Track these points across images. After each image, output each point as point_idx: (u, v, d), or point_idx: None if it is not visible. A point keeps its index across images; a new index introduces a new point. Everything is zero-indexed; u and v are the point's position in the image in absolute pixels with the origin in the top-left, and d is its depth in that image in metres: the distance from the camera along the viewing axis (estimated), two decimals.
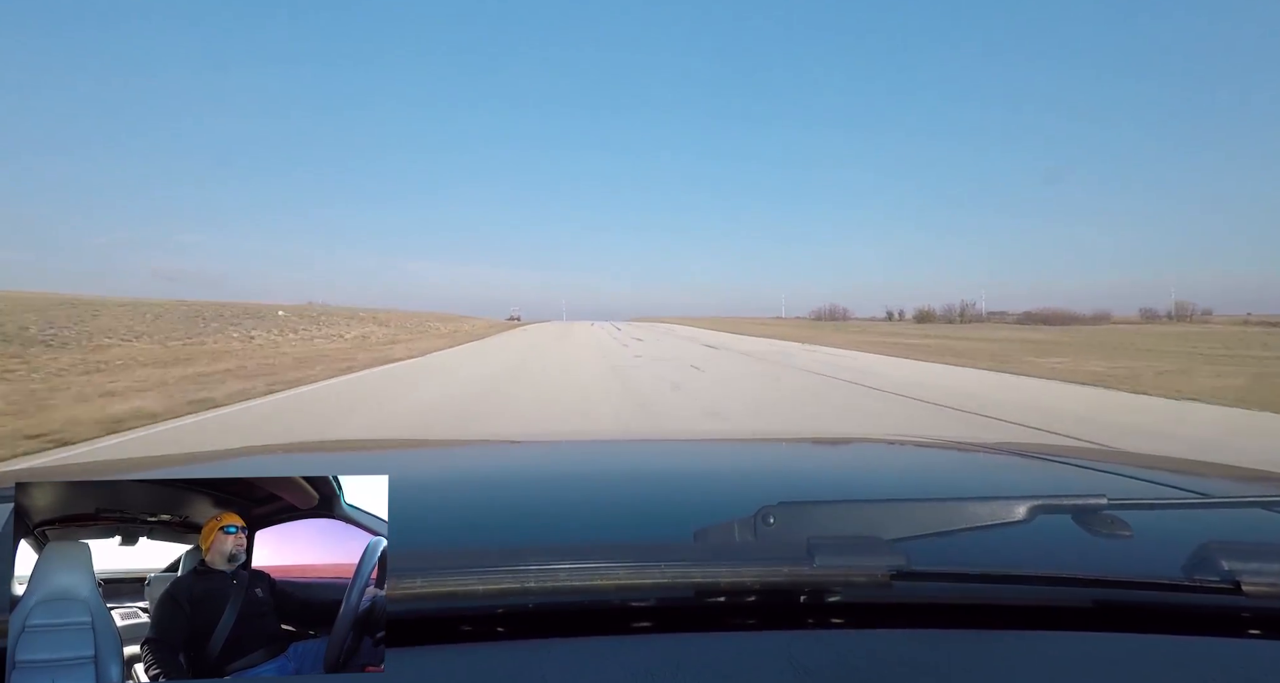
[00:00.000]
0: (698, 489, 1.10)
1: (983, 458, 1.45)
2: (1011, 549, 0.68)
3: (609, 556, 0.58)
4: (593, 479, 1.16)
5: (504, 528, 0.83)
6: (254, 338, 23.92)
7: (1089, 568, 0.61)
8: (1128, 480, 1.11)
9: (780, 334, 35.21)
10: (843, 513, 0.63)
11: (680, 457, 1.51)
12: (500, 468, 1.35)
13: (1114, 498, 0.64)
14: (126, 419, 6.73)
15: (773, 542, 0.59)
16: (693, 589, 0.57)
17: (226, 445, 1.74)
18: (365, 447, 1.62)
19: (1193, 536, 0.62)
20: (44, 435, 5.83)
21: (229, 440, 5.36)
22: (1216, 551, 0.58)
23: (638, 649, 0.53)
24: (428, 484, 1.08)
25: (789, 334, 35.49)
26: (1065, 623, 0.59)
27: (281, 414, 7.55)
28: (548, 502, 0.97)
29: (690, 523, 0.64)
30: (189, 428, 6.59)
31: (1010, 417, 7.15)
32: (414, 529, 0.73)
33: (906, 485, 1.25)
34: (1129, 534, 0.63)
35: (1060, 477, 1.22)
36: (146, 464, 1.26)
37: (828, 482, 1.25)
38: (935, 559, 0.59)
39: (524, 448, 1.63)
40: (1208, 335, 23.77)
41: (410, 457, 1.44)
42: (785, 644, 0.53)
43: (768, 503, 0.61)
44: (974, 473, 1.33)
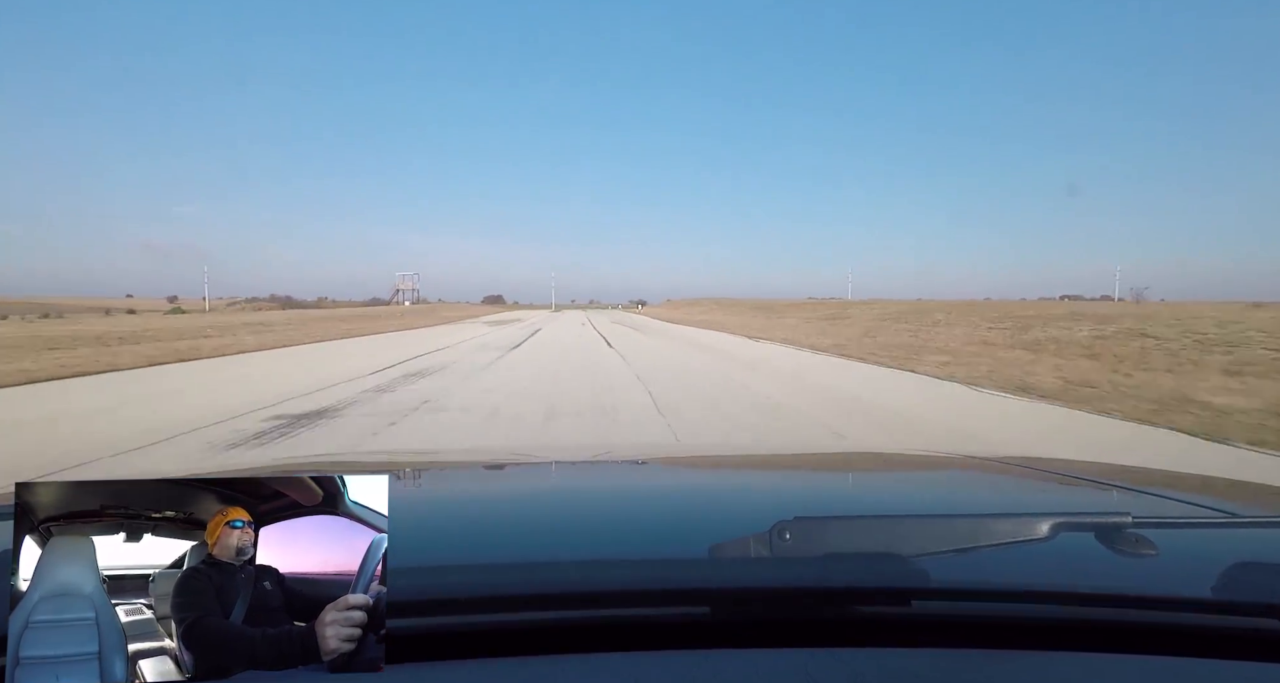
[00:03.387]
0: (713, 505, 1.09)
1: (1002, 475, 1.44)
2: (1032, 567, 0.66)
3: (623, 571, 0.58)
4: (607, 495, 1.16)
5: (516, 544, 0.82)
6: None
7: (1113, 587, 0.59)
8: (1151, 498, 1.09)
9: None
10: (859, 529, 0.62)
11: (695, 473, 1.49)
12: (513, 484, 1.34)
13: (1138, 516, 0.62)
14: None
15: (789, 558, 0.58)
16: (708, 605, 0.56)
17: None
18: (381, 465, 1.61)
19: (1221, 555, 0.61)
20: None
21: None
22: (1248, 571, 0.57)
23: (652, 666, 0.53)
24: (440, 499, 1.07)
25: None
26: (1088, 643, 0.57)
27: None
28: (561, 518, 0.96)
29: (706, 539, 0.63)
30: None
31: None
32: (426, 544, 0.72)
33: (924, 502, 1.23)
34: (1154, 553, 0.61)
35: (1082, 494, 1.21)
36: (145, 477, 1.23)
37: (844, 497, 1.24)
38: (954, 576, 0.58)
39: (537, 465, 1.62)
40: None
41: (423, 473, 1.43)
42: (802, 662, 0.52)
43: (783, 519, 0.60)
44: (993, 489, 1.31)
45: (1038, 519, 0.61)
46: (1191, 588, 0.58)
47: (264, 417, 6.31)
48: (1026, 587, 0.58)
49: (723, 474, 1.48)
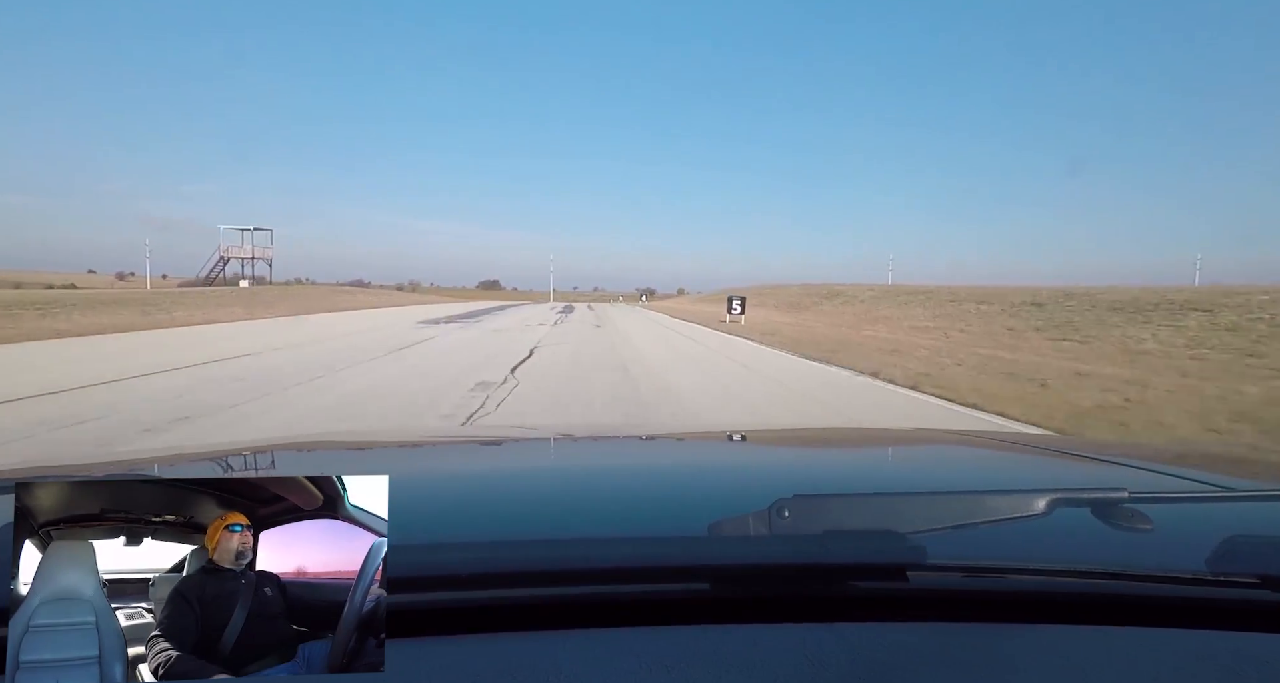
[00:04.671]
0: (712, 483, 1.09)
1: (999, 451, 1.45)
2: (1029, 543, 0.67)
3: (624, 547, 0.58)
4: (607, 473, 1.16)
5: (517, 521, 0.83)
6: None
7: (1109, 562, 0.60)
8: (1148, 474, 1.09)
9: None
10: (858, 506, 0.62)
11: (695, 451, 1.50)
12: (514, 461, 1.34)
13: (1134, 491, 0.63)
14: None
15: (788, 534, 0.59)
16: (707, 581, 0.57)
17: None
18: (377, 443, 1.62)
19: (1216, 529, 0.62)
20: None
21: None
22: (1242, 544, 0.57)
23: (652, 641, 0.53)
24: (438, 478, 1.07)
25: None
26: (1084, 617, 0.57)
27: None
28: (562, 495, 0.96)
29: (705, 516, 0.64)
30: None
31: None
32: (427, 523, 0.73)
33: (922, 479, 1.24)
34: (1150, 527, 0.62)
35: (1079, 470, 1.21)
36: (142, 463, 1.24)
37: (843, 475, 1.25)
38: (951, 552, 0.58)
39: (537, 442, 1.62)
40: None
41: (422, 451, 1.44)
42: (800, 637, 0.53)
43: (783, 496, 0.61)
44: (990, 466, 1.33)
45: (1034, 495, 0.61)
46: (1187, 561, 0.58)
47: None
48: (1023, 562, 0.59)
49: (723, 451, 1.48)
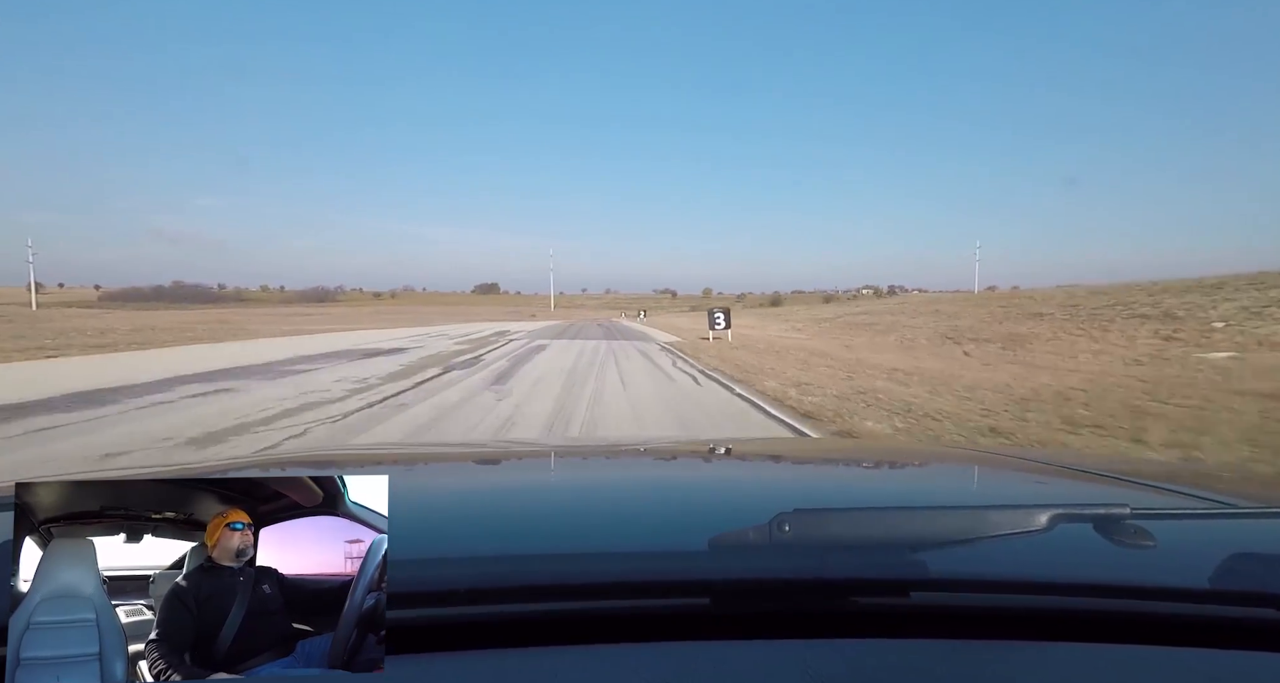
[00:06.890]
0: (713, 497, 1.09)
1: (1000, 467, 1.44)
2: (1031, 559, 0.66)
3: (623, 563, 0.58)
4: (607, 487, 1.16)
5: (517, 536, 0.82)
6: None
7: (1111, 579, 0.59)
8: (1151, 491, 1.08)
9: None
10: (860, 520, 0.62)
11: (695, 464, 1.50)
12: (513, 477, 1.34)
13: (1137, 508, 0.62)
14: None
15: (789, 549, 0.58)
16: (708, 597, 0.57)
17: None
18: (379, 457, 1.62)
19: (1219, 546, 0.61)
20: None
21: None
22: (1246, 561, 0.57)
23: (652, 657, 0.53)
24: (438, 492, 1.07)
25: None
26: (1087, 634, 0.57)
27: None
28: (562, 509, 0.96)
29: (706, 531, 0.63)
30: None
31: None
32: (426, 536, 0.72)
33: (924, 494, 1.24)
34: (1153, 545, 0.61)
35: (1082, 487, 1.21)
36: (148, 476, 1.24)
37: (844, 490, 1.25)
38: (953, 568, 0.58)
39: (538, 457, 1.62)
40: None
41: (424, 464, 1.43)
42: (801, 653, 0.53)
43: (783, 510, 0.60)
44: (992, 481, 1.32)
45: (1036, 511, 0.61)
46: (1190, 579, 0.58)
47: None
48: (1025, 578, 0.58)
49: (723, 465, 1.48)
